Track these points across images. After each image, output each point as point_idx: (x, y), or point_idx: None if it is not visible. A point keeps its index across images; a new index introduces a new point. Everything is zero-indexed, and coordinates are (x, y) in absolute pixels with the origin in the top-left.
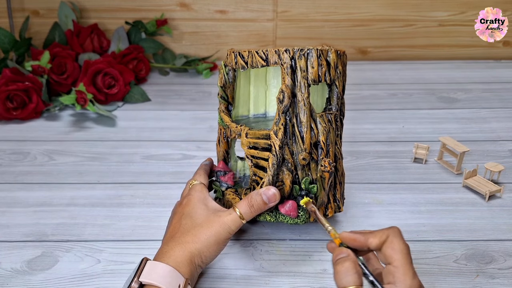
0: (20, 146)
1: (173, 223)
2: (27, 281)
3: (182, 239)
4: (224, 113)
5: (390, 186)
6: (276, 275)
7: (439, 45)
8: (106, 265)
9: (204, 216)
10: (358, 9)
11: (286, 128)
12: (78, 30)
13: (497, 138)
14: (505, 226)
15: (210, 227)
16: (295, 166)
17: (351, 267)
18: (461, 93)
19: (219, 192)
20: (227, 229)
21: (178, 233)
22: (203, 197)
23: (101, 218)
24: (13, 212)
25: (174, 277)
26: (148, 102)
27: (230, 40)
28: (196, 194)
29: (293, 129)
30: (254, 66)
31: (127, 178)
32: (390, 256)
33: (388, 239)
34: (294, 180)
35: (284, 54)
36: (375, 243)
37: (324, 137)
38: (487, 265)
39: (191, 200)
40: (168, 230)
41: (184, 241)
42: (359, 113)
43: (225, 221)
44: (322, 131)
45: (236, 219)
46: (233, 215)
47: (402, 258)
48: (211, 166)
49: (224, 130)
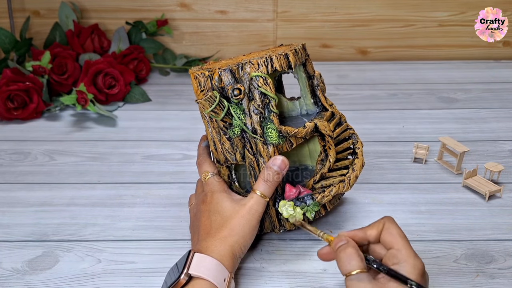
0: (21, 146)
1: (202, 221)
2: (28, 281)
3: (218, 235)
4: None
5: (390, 186)
6: (276, 275)
7: (439, 45)
8: (106, 265)
9: (231, 208)
10: (358, 9)
11: None
12: (79, 30)
13: (497, 138)
14: (505, 226)
15: (241, 217)
16: None
17: (354, 252)
18: (461, 93)
19: (315, 206)
20: (255, 212)
21: (212, 230)
22: (224, 189)
23: (101, 218)
24: (13, 212)
25: (220, 270)
26: (149, 102)
27: (230, 40)
28: (216, 188)
29: None
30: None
31: (128, 178)
32: (390, 242)
33: (384, 227)
34: None
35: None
36: (374, 234)
37: None
38: (487, 265)
39: (214, 195)
40: (199, 229)
41: (222, 236)
42: (359, 113)
43: (251, 206)
44: None
45: (259, 200)
46: (255, 198)
47: (402, 241)
48: None
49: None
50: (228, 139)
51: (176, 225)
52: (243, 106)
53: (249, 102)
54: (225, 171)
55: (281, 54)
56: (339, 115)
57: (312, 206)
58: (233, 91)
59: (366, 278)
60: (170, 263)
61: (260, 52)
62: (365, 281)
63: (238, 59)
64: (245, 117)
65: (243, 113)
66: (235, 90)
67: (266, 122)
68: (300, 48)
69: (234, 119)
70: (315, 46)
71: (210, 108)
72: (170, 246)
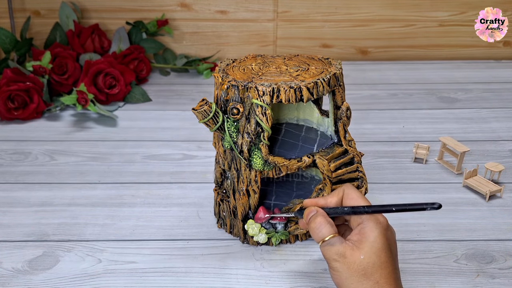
0: (21, 146)
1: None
2: (28, 280)
3: None
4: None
5: (391, 186)
6: (276, 275)
7: (439, 45)
8: (107, 264)
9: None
10: (359, 10)
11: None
12: (79, 30)
13: (497, 138)
14: (506, 226)
15: None
16: None
17: (323, 220)
18: (461, 93)
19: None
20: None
21: None
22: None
23: (102, 218)
24: (14, 212)
25: None
26: (149, 102)
27: (230, 40)
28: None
29: None
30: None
31: (128, 178)
32: (352, 205)
33: (344, 193)
34: None
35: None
36: (334, 201)
37: None
38: (487, 265)
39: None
40: None
41: None
42: (359, 113)
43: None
44: None
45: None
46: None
47: (364, 202)
48: None
49: (263, 173)
50: (223, 145)
51: (176, 225)
52: (239, 124)
53: (245, 123)
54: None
55: (292, 87)
56: (352, 154)
57: (280, 234)
58: (232, 109)
59: (338, 241)
60: (170, 263)
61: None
62: (337, 244)
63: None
64: (237, 136)
65: (237, 132)
66: (234, 109)
67: (255, 148)
68: (331, 77)
69: (226, 135)
70: (315, 46)
71: (203, 120)
72: (170, 246)
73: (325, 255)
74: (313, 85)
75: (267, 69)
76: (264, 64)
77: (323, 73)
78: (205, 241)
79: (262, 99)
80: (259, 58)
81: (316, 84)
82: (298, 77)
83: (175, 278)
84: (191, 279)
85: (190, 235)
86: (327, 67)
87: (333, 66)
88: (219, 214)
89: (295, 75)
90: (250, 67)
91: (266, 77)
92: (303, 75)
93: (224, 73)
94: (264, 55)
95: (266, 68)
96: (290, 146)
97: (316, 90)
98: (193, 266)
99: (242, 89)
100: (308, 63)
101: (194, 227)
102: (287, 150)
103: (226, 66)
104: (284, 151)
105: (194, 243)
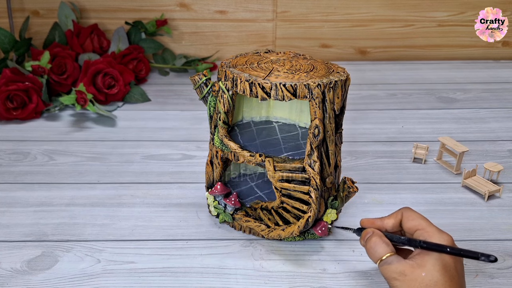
0: (20, 146)
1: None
2: (27, 281)
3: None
4: (227, 139)
5: (390, 186)
6: (276, 275)
7: (438, 45)
8: (106, 265)
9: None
10: (358, 10)
11: (322, 161)
12: (78, 30)
13: (496, 138)
14: (504, 226)
15: None
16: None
17: (378, 240)
18: (460, 93)
19: (227, 216)
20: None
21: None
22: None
23: (101, 218)
24: (13, 212)
25: None
26: (148, 102)
27: (230, 40)
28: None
29: (322, 157)
30: (279, 99)
31: (127, 178)
32: (414, 225)
33: (404, 216)
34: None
35: (316, 89)
36: (391, 223)
37: (339, 157)
38: (486, 265)
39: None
40: None
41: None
42: (358, 113)
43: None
44: (338, 151)
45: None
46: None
47: (425, 222)
48: None
49: (224, 153)
50: None
51: (176, 225)
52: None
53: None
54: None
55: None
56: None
57: (226, 215)
58: (213, 85)
59: (395, 260)
60: (170, 263)
61: (309, 61)
62: (395, 263)
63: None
64: (213, 111)
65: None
66: (214, 85)
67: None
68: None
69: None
70: (315, 46)
71: (194, 88)
72: (169, 246)
73: (384, 275)
74: (270, 86)
75: (267, 64)
76: (269, 60)
77: (300, 78)
78: (204, 241)
79: (225, 84)
80: (275, 54)
81: (275, 86)
82: (279, 76)
83: (174, 278)
84: (190, 279)
85: (189, 235)
86: (315, 75)
87: (328, 76)
88: None
89: (283, 74)
90: (279, 56)
91: (257, 67)
92: (286, 75)
93: (232, 60)
94: (295, 53)
95: (265, 62)
96: (271, 141)
97: (274, 92)
98: (192, 266)
99: (226, 70)
100: (306, 66)
101: (193, 227)
102: (265, 144)
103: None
104: (254, 143)
105: (193, 243)
